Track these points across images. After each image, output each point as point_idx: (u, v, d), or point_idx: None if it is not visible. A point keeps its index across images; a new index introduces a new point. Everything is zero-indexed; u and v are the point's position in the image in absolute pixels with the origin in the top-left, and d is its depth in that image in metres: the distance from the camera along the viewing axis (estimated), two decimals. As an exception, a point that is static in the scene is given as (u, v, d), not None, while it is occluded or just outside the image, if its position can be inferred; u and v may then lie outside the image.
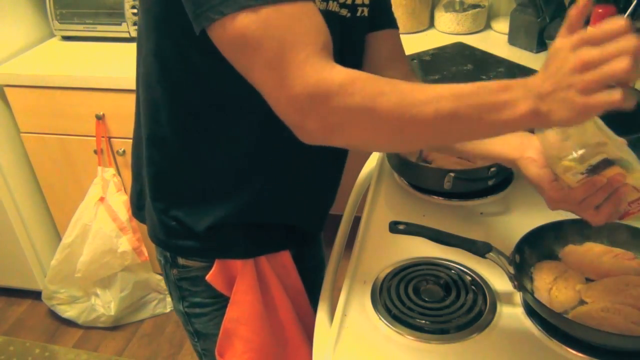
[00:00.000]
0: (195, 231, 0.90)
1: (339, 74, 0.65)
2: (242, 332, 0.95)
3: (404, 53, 1.00)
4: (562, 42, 0.58)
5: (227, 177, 0.87)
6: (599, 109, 0.56)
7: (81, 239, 1.95)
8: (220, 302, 0.96)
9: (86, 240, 1.94)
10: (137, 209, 1.01)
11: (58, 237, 2.16)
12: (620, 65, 0.53)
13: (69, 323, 2.14)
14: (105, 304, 2.08)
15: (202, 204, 0.89)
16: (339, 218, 1.12)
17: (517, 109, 0.60)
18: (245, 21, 0.64)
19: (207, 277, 0.93)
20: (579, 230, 0.90)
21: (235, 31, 0.65)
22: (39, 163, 2.01)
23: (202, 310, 0.99)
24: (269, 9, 0.64)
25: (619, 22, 0.55)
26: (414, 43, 1.83)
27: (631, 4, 1.38)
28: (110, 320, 2.10)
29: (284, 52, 0.65)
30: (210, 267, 0.93)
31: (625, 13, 1.38)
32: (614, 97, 0.55)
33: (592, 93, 0.55)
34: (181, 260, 0.95)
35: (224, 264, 0.93)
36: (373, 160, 1.25)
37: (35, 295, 2.21)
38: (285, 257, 0.98)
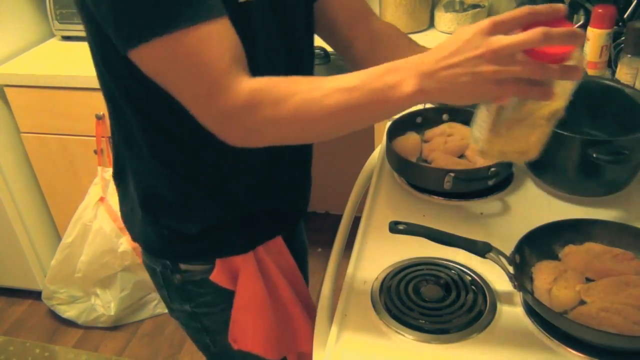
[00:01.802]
0: (191, 236, 0.92)
1: (242, 91, 0.69)
2: (251, 319, 1.00)
3: (368, 11, 0.97)
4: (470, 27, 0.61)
5: (203, 179, 0.89)
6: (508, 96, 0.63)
7: (81, 239, 1.95)
8: (229, 297, 0.99)
9: (86, 240, 1.94)
10: (131, 230, 1.01)
11: (58, 237, 2.16)
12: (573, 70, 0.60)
13: (69, 323, 2.14)
14: (105, 304, 2.08)
15: (189, 209, 0.91)
16: (339, 218, 1.12)
17: (404, 89, 0.65)
18: (155, 51, 0.68)
19: (211, 277, 0.96)
20: (579, 230, 0.90)
21: (149, 60, 0.70)
22: (39, 163, 2.01)
23: (211, 309, 1.02)
24: (175, 38, 0.67)
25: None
26: (414, 43, 1.82)
27: (631, 4, 1.38)
28: (110, 320, 2.10)
29: (193, 78, 0.69)
30: (213, 267, 0.95)
31: (625, 13, 1.38)
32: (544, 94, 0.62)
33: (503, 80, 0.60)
34: (183, 266, 0.97)
35: (225, 261, 0.96)
36: (373, 160, 1.25)
37: (35, 295, 2.21)
38: (278, 242, 1.01)
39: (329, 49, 1.65)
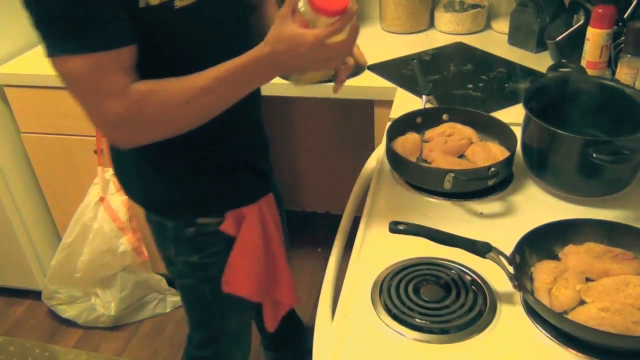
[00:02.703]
0: (205, 191, 1.09)
1: (130, 101, 0.85)
2: (246, 265, 1.16)
3: None
4: (304, 33, 0.82)
5: (204, 143, 1.04)
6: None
7: (81, 239, 1.95)
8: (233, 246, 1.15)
9: (86, 240, 1.94)
10: (141, 197, 1.15)
11: (58, 237, 2.16)
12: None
13: (69, 323, 2.14)
14: (105, 304, 2.08)
15: (196, 167, 1.07)
16: (339, 218, 1.12)
17: (265, 77, 0.90)
18: (64, 64, 0.83)
19: (221, 227, 1.12)
20: (579, 230, 0.90)
21: (57, 69, 0.85)
22: (39, 163, 2.01)
23: (218, 259, 1.16)
24: (81, 58, 0.81)
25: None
26: (414, 43, 1.83)
27: (631, 4, 1.38)
28: (110, 320, 2.10)
29: (91, 93, 0.85)
30: (224, 219, 1.12)
31: (625, 13, 1.38)
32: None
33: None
34: (199, 220, 1.12)
35: (235, 213, 1.12)
36: (373, 160, 1.25)
37: (35, 295, 2.21)
38: (270, 198, 1.18)
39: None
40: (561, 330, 0.76)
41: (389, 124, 1.25)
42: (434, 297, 0.84)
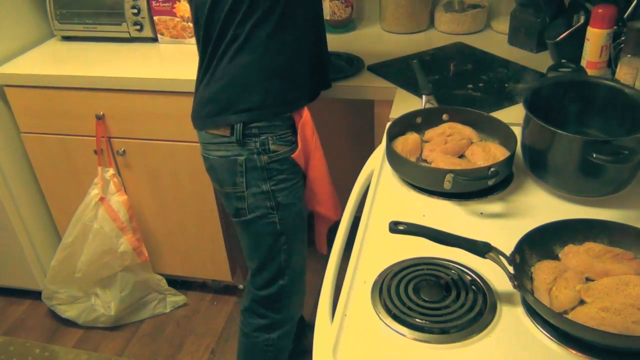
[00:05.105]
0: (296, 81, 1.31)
1: None
2: (323, 189, 1.42)
3: None
4: None
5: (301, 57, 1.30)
6: None
7: (81, 239, 1.95)
8: (297, 176, 1.38)
9: (86, 240, 1.94)
10: (216, 114, 1.29)
11: (58, 237, 2.16)
12: None
13: (69, 323, 2.14)
14: (105, 304, 2.08)
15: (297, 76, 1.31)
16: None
17: None
18: None
19: (293, 155, 1.32)
20: (579, 230, 0.90)
21: None
22: (39, 163, 2.02)
23: (285, 185, 1.34)
24: None
25: None
26: (414, 43, 1.83)
27: (631, 4, 1.38)
28: (110, 320, 2.10)
29: None
30: (292, 150, 1.32)
31: (625, 13, 1.38)
32: None
33: None
34: (272, 146, 1.29)
35: (303, 140, 1.34)
36: (373, 160, 1.25)
37: (35, 295, 2.21)
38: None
39: (329, 48, 1.66)
40: (561, 330, 0.76)
41: (389, 124, 1.25)
42: (434, 297, 0.84)
